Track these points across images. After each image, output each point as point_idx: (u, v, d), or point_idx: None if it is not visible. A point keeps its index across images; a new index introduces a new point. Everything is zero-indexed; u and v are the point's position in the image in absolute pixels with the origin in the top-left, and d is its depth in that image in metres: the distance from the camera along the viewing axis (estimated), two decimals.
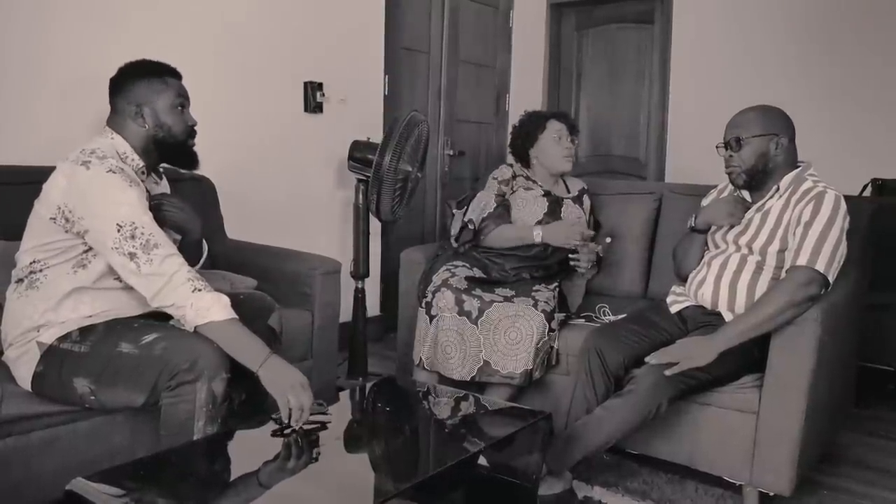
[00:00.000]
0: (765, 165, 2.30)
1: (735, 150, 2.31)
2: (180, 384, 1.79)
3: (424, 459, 1.85)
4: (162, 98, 1.99)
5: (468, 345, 2.56)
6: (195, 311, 1.82)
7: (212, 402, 1.80)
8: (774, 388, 2.18)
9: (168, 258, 1.85)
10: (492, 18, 4.80)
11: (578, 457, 2.22)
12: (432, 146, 4.12)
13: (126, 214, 1.83)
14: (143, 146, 1.99)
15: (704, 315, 2.39)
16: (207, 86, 3.12)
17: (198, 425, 1.79)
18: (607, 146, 4.97)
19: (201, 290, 1.84)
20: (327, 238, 3.66)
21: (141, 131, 1.98)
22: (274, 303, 2.25)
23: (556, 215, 2.89)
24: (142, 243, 1.82)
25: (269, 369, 1.82)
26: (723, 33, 4.29)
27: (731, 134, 2.33)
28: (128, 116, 1.97)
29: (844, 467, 2.60)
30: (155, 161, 2.05)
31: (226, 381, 1.82)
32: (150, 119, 1.98)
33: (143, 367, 1.82)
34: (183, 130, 2.03)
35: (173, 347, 1.82)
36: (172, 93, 2.00)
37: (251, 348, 1.85)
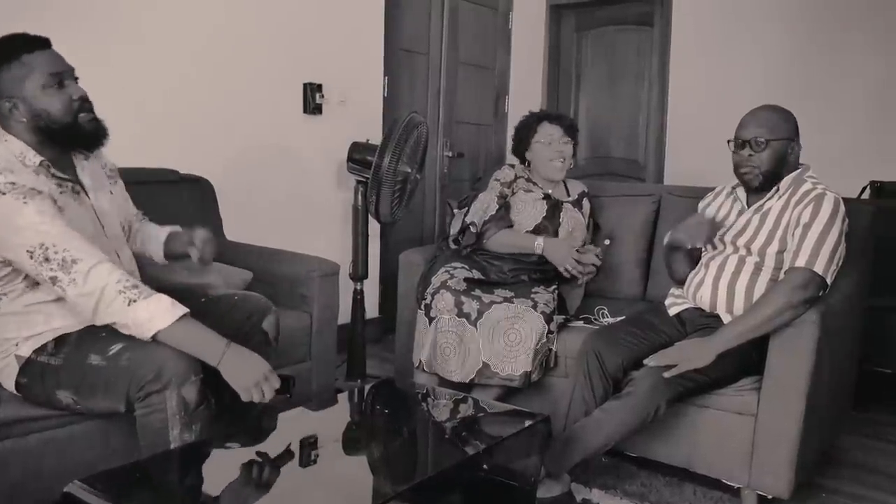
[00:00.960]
0: (780, 169, 2.30)
1: (757, 150, 2.28)
2: (149, 394, 1.72)
3: (423, 461, 1.85)
4: (27, 83, 1.74)
5: (467, 347, 2.56)
6: (137, 326, 1.72)
7: (184, 409, 1.73)
8: (773, 391, 2.17)
9: (92, 272, 1.69)
10: (491, 20, 4.80)
11: (577, 459, 2.22)
12: (431, 147, 4.12)
13: (30, 238, 1.67)
14: (35, 139, 1.78)
15: (703, 317, 2.39)
16: (206, 87, 3.13)
17: (173, 433, 1.73)
18: (606, 148, 4.97)
19: (136, 301, 1.71)
20: (326, 239, 3.66)
21: (23, 126, 1.77)
22: (270, 305, 2.18)
23: (556, 219, 2.89)
24: (58, 264, 1.68)
25: (228, 364, 1.76)
26: (722, 35, 4.29)
27: (753, 133, 2.28)
28: (6, 114, 1.77)
29: (843, 470, 2.60)
30: (60, 148, 1.84)
31: (198, 384, 1.75)
32: (24, 110, 1.75)
33: (114, 379, 1.76)
34: (64, 110, 1.77)
35: (137, 358, 1.74)
36: (37, 73, 1.74)
37: (206, 345, 1.77)
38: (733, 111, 2.40)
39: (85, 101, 1.82)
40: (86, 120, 1.82)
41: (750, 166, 2.30)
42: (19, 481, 1.82)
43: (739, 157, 2.33)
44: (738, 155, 2.33)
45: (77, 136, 1.83)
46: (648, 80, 4.74)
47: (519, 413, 2.03)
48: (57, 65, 1.77)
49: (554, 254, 2.75)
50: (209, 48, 3.10)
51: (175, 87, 2.97)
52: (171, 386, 1.71)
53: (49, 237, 1.68)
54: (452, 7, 4.41)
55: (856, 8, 3.85)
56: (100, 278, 1.70)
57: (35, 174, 1.76)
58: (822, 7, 3.96)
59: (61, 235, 1.69)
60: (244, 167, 3.30)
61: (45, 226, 1.68)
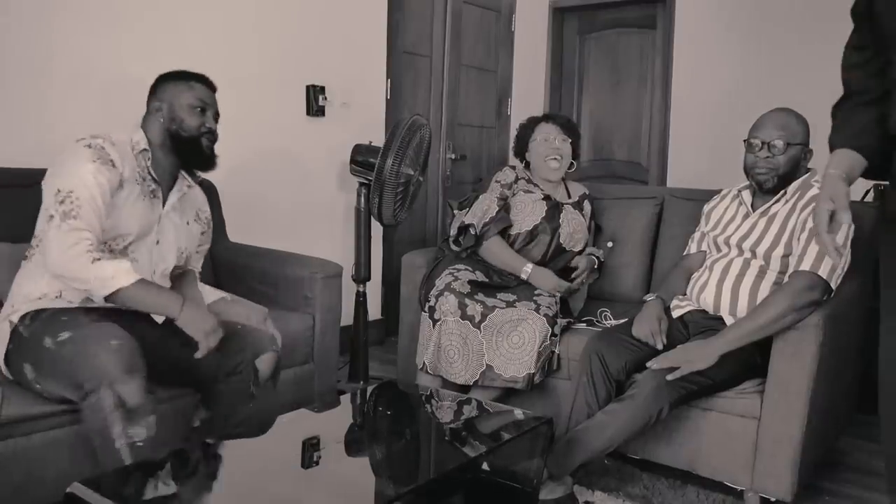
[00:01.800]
0: (793, 174, 2.31)
1: (775, 153, 2.28)
2: (87, 393, 1.76)
3: (425, 463, 1.84)
4: (182, 97, 2.08)
5: (471, 349, 2.56)
6: (100, 282, 1.84)
7: (122, 406, 1.74)
8: (776, 394, 2.17)
9: (75, 231, 1.84)
10: (494, 22, 4.81)
11: (579, 461, 2.22)
12: (434, 150, 4.12)
13: (69, 183, 1.87)
14: (161, 140, 2.07)
15: (706, 319, 2.38)
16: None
17: (116, 430, 1.74)
18: (609, 150, 4.97)
19: (101, 260, 1.85)
20: (329, 241, 3.66)
21: (158, 124, 2.07)
22: (271, 344, 2.19)
23: (555, 220, 2.89)
24: (65, 210, 1.84)
25: (186, 316, 1.93)
26: (724, 38, 4.29)
27: (775, 135, 2.28)
28: (152, 112, 2.08)
29: (846, 473, 2.60)
30: (175, 158, 2.12)
31: (139, 381, 1.77)
32: (167, 113, 2.06)
33: (60, 366, 1.81)
34: (195, 127, 2.08)
35: (77, 353, 1.79)
36: (193, 94, 2.09)
37: (164, 302, 1.94)
38: (736, 114, 2.40)
39: (212, 134, 2.12)
40: (206, 145, 2.11)
41: (767, 168, 2.30)
42: (22, 481, 1.82)
43: (756, 157, 2.32)
44: (755, 156, 2.32)
45: (194, 152, 2.11)
46: (651, 83, 4.74)
47: (522, 415, 2.03)
48: (208, 100, 2.13)
49: (542, 284, 2.75)
50: (212, 50, 3.11)
51: None
52: (105, 385, 1.74)
53: (80, 192, 1.87)
54: (455, 10, 4.42)
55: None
56: (75, 237, 1.84)
57: (133, 158, 2.01)
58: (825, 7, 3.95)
59: (89, 200, 1.88)
60: (247, 169, 3.30)
61: (86, 187, 1.87)
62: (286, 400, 2.54)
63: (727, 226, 2.47)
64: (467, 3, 4.53)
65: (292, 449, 1.80)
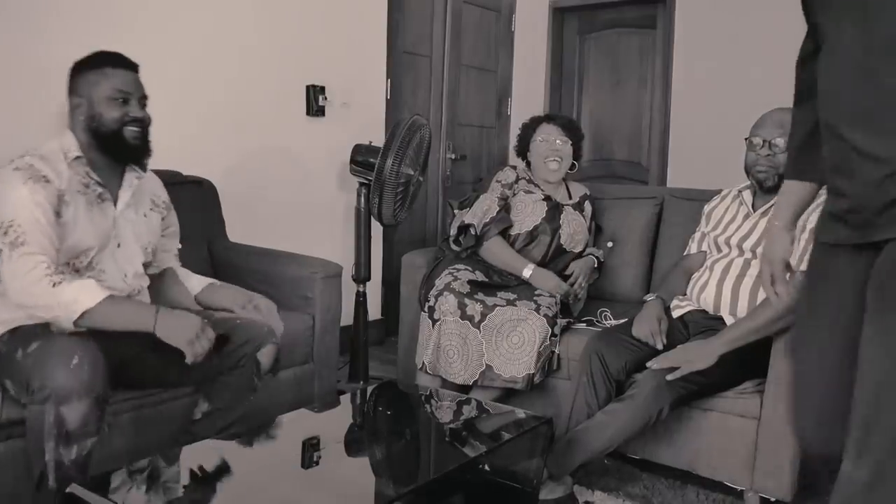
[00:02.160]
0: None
1: (778, 151, 2.27)
2: (35, 402, 1.73)
3: (425, 464, 1.85)
4: (97, 89, 1.93)
5: (471, 349, 2.56)
6: (63, 308, 1.78)
7: (59, 426, 1.70)
8: (776, 394, 2.17)
9: (26, 255, 1.77)
10: (494, 22, 4.81)
11: (579, 461, 2.22)
12: (434, 150, 4.12)
13: (8, 213, 1.79)
14: (87, 140, 1.95)
15: (706, 319, 2.38)
16: (210, 89, 3.13)
17: (48, 445, 1.71)
18: (609, 151, 4.97)
19: (61, 283, 1.78)
20: (329, 241, 3.66)
21: (80, 124, 1.95)
22: (271, 336, 2.14)
23: (555, 221, 2.89)
24: (11, 241, 1.77)
25: (162, 326, 1.84)
26: (724, 38, 4.29)
27: (776, 133, 2.27)
28: (73, 111, 1.96)
29: None
30: (110, 156, 1.99)
31: (87, 404, 1.72)
32: (86, 110, 1.93)
33: (23, 376, 1.78)
34: (115, 120, 1.93)
35: (35, 366, 1.75)
36: (109, 85, 1.93)
37: (137, 316, 1.86)
38: (736, 113, 2.40)
39: (139, 122, 1.97)
40: (131, 135, 1.96)
41: (768, 166, 2.30)
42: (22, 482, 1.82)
43: (756, 156, 2.32)
44: (756, 154, 2.32)
45: (119, 146, 1.96)
46: (651, 83, 4.74)
47: (522, 415, 2.03)
48: (129, 85, 1.96)
49: (542, 284, 2.75)
50: (211, 50, 3.11)
51: (177, 90, 2.97)
52: (51, 401, 1.70)
53: (20, 217, 1.79)
54: (455, 9, 4.42)
55: None
56: (29, 263, 1.78)
57: (68, 168, 1.89)
58: None
59: (30, 222, 1.79)
60: (247, 169, 3.30)
61: (26, 210, 1.79)
62: (286, 400, 2.55)
63: (728, 226, 2.47)
64: (467, 3, 4.53)
65: (292, 449, 1.80)
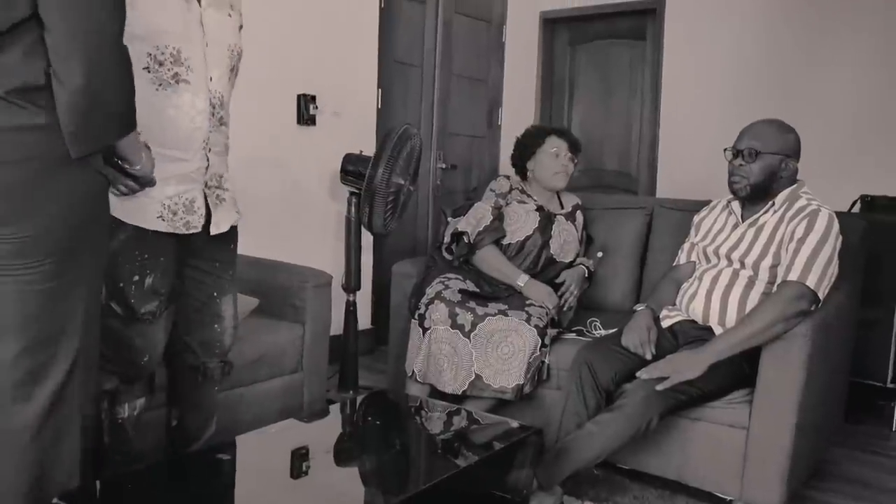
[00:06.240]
0: (769, 183, 2.32)
1: (748, 160, 2.31)
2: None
3: (415, 473, 1.84)
4: None
5: (461, 358, 2.56)
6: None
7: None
8: (765, 404, 2.18)
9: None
10: (485, 33, 4.83)
11: (569, 471, 2.21)
12: (425, 159, 4.12)
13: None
14: None
15: (696, 329, 2.39)
16: None
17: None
18: (599, 161, 4.98)
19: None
20: (319, 250, 3.66)
21: None
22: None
23: (548, 231, 2.90)
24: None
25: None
26: (714, 49, 4.32)
27: (747, 143, 2.32)
28: None
29: (834, 482, 2.61)
30: None
31: None
32: None
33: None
34: None
35: None
36: None
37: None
38: (725, 125, 2.42)
39: None
40: None
41: (739, 176, 2.34)
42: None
43: (732, 166, 2.37)
44: (731, 164, 2.37)
45: None
46: (641, 94, 4.76)
47: (511, 425, 2.03)
48: None
49: (535, 296, 2.75)
50: None
51: None
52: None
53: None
54: (446, 19, 4.43)
55: (847, 21, 3.88)
56: None
57: None
58: (812, 20, 3.99)
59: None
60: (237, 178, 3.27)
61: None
62: (275, 409, 2.54)
63: (716, 236, 2.49)
64: (458, 14, 4.55)
65: (281, 459, 1.79)
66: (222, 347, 2.05)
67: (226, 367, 2.08)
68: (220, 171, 1.92)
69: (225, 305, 2.02)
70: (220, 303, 2.01)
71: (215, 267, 1.98)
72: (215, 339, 2.02)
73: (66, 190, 1.34)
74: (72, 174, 1.34)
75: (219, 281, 2.00)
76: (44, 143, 1.30)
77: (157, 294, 1.82)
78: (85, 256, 1.39)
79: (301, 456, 1.82)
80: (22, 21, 1.26)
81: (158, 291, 1.82)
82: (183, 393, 2.05)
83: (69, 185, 1.34)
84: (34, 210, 1.31)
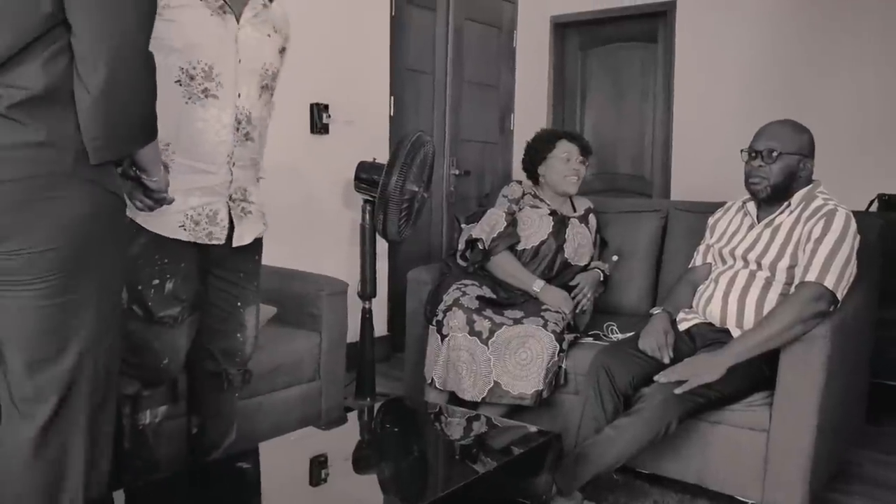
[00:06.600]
0: (788, 184, 2.31)
1: (767, 161, 2.30)
2: None
3: (434, 480, 1.84)
4: None
5: (479, 365, 2.56)
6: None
7: None
8: (785, 406, 2.17)
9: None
10: (496, 39, 4.83)
11: (588, 476, 2.20)
12: (438, 166, 4.13)
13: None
14: None
15: (713, 332, 2.38)
16: None
17: None
18: (612, 164, 4.98)
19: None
20: (334, 258, 3.67)
21: None
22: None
23: (561, 235, 2.90)
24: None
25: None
26: (726, 51, 4.31)
27: (766, 144, 2.31)
28: None
29: (857, 485, 2.58)
30: None
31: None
32: None
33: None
34: None
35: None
36: None
37: None
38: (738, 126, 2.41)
39: None
40: None
41: (759, 177, 2.32)
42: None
43: (750, 167, 2.35)
44: (749, 165, 2.35)
45: None
46: (653, 96, 4.75)
47: (530, 431, 2.02)
48: None
49: (551, 301, 2.75)
50: None
51: None
52: None
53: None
54: (457, 26, 4.45)
55: (860, 20, 3.86)
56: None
57: None
58: (824, 20, 3.98)
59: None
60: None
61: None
62: (293, 417, 2.55)
63: (732, 237, 2.48)
64: (469, 20, 4.56)
65: (300, 466, 1.80)
66: (243, 356, 2.06)
67: (246, 376, 2.10)
68: (244, 184, 1.93)
69: (248, 315, 2.04)
70: (243, 313, 2.03)
71: (240, 277, 2.00)
72: (237, 348, 2.04)
73: (70, 207, 1.33)
74: (76, 192, 1.33)
75: (243, 291, 2.02)
76: (44, 160, 1.30)
77: (178, 300, 1.84)
78: (94, 274, 1.39)
79: (320, 463, 1.83)
80: (51, 28, 1.27)
81: (180, 297, 1.84)
82: (204, 400, 2.07)
83: (73, 202, 1.33)
84: (36, 226, 1.31)
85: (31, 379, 1.35)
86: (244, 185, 1.92)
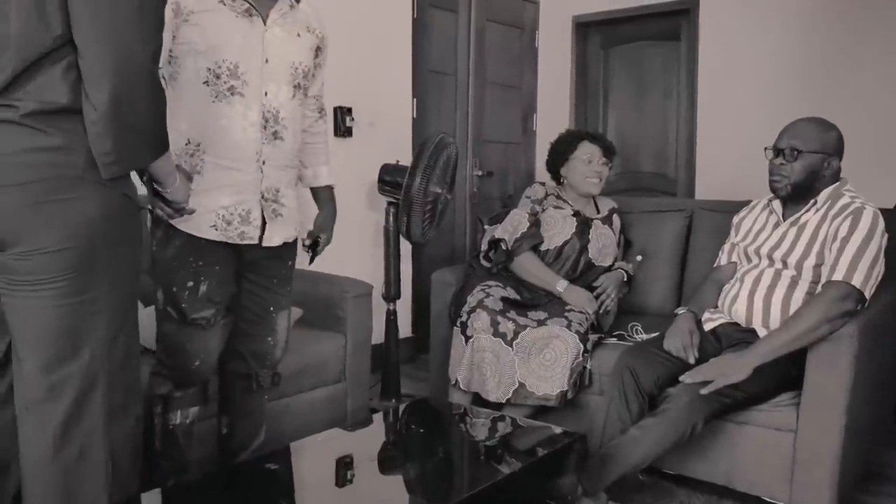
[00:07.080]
0: (811, 182, 2.29)
1: (789, 159, 2.28)
2: None
3: (459, 481, 1.85)
4: None
5: (503, 366, 2.57)
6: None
7: None
8: (812, 406, 2.15)
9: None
10: (517, 39, 4.83)
11: (613, 477, 2.20)
12: (461, 167, 4.14)
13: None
14: None
15: (738, 332, 2.36)
16: None
17: None
18: (636, 163, 4.95)
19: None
20: (359, 261, 3.69)
21: None
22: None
23: (585, 236, 2.89)
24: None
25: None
26: (749, 48, 4.27)
27: (787, 142, 2.29)
28: None
29: (886, 485, 2.55)
30: None
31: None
32: None
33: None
34: None
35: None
36: None
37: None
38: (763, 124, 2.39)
39: None
40: None
41: (780, 175, 2.31)
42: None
43: (772, 165, 2.33)
44: (772, 163, 2.34)
45: None
46: (677, 95, 4.72)
47: (555, 431, 2.03)
48: None
49: (574, 301, 2.75)
50: None
51: None
52: None
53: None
54: (479, 28, 4.45)
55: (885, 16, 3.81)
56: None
57: None
58: (851, 18, 3.93)
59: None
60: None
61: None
62: (319, 419, 2.57)
63: (757, 236, 2.46)
64: (490, 21, 4.57)
65: (326, 468, 1.82)
66: (273, 359, 2.09)
67: (275, 378, 2.13)
68: (276, 184, 1.94)
69: (280, 320, 2.08)
70: (275, 317, 2.06)
71: (273, 283, 2.03)
72: (267, 351, 2.07)
73: (83, 208, 1.35)
74: (88, 193, 1.35)
75: (276, 296, 2.05)
76: (57, 162, 1.32)
77: (212, 302, 1.87)
78: (107, 275, 1.40)
79: (346, 465, 1.84)
80: (58, 46, 1.30)
81: (213, 300, 1.87)
82: (233, 401, 2.10)
83: (85, 203, 1.35)
84: (49, 228, 1.33)
85: (46, 378, 1.36)
86: (276, 186, 1.94)
